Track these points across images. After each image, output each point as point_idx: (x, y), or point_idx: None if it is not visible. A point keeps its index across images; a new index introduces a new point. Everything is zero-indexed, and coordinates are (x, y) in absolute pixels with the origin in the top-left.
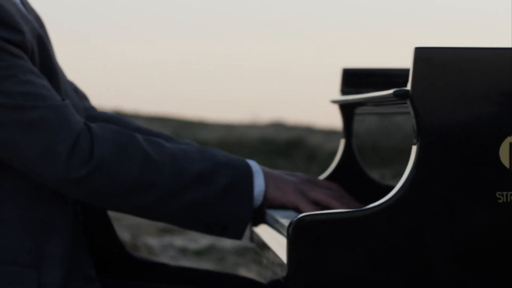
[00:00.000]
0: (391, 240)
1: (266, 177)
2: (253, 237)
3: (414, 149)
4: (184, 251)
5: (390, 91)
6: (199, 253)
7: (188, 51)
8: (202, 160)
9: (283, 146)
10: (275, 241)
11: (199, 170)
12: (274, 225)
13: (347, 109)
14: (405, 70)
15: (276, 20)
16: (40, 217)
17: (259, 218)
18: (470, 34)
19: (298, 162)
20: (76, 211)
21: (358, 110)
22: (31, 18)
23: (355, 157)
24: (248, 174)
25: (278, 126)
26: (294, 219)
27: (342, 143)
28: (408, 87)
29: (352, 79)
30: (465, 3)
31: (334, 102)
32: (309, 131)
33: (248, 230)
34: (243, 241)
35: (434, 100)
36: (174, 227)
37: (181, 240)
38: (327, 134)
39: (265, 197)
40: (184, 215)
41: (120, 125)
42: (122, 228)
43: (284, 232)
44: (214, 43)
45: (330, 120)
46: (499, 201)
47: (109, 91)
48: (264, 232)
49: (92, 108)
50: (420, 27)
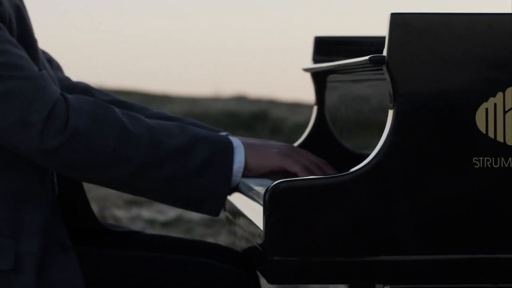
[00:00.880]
0: (367, 206)
1: (247, 150)
2: (226, 206)
3: (390, 115)
4: (152, 223)
5: (365, 58)
6: (166, 225)
7: (152, 26)
8: (181, 135)
9: (246, 119)
10: (249, 208)
11: (178, 144)
12: (247, 193)
13: (319, 78)
14: (377, 38)
15: None
16: (17, 187)
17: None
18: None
19: (262, 135)
20: (52, 182)
21: (330, 78)
22: None
23: (327, 125)
24: (228, 150)
25: (241, 99)
26: (270, 186)
27: (314, 111)
28: (384, 53)
29: (324, 47)
30: None
31: (306, 70)
32: (273, 103)
33: None
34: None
35: (410, 66)
36: (142, 199)
37: (149, 212)
38: (291, 106)
39: (249, 169)
40: (161, 189)
41: (94, 95)
42: (90, 200)
43: (259, 200)
44: (177, 18)
45: (294, 92)
46: (475, 166)
47: (73, 64)
48: (237, 200)
49: (67, 79)
50: None
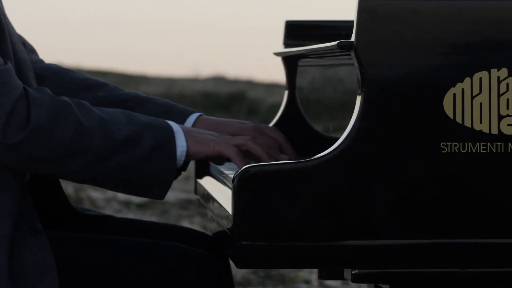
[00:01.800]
0: (335, 191)
1: (186, 135)
2: (198, 189)
3: (358, 100)
4: (127, 204)
5: (334, 43)
6: (142, 206)
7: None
8: (128, 124)
9: (224, 100)
10: (220, 192)
11: (127, 133)
12: (218, 177)
13: (290, 62)
14: (348, 22)
15: None
16: None
17: (204, 170)
18: None
19: (239, 116)
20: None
21: (301, 62)
22: None
23: (298, 109)
24: (170, 135)
25: (219, 80)
26: (239, 171)
27: (286, 95)
28: (352, 38)
29: (295, 31)
30: None
31: (277, 54)
32: (250, 84)
33: (184, 185)
34: (186, 194)
35: (378, 52)
36: None
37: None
38: (268, 87)
39: (188, 154)
40: (113, 178)
41: (66, 77)
42: (66, 181)
43: (229, 184)
44: None
45: (271, 74)
46: (443, 151)
47: (51, 45)
48: (208, 183)
49: (40, 61)
50: None
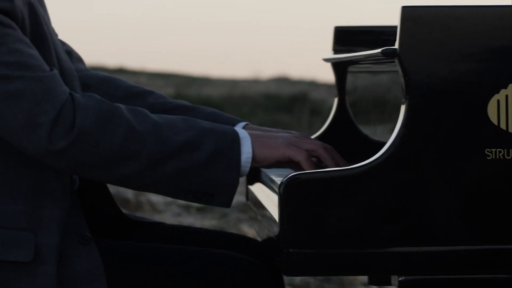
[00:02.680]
0: (381, 197)
1: (253, 141)
2: (249, 196)
3: (402, 107)
4: (187, 208)
5: (378, 50)
6: (201, 210)
7: (191, 7)
8: (187, 129)
9: (286, 101)
10: (268, 199)
11: (184, 139)
12: (268, 184)
13: (339, 67)
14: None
15: None
16: (34, 182)
17: (255, 177)
18: None
19: (301, 117)
20: (71, 176)
21: (351, 68)
22: None
23: (348, 114)
24: (235, 141)
25: (282, 81)
26: (286, 178)
27: (335, 101)
28: (396, 45)
29: (344, 37)
30: None
31: (326, 60)
32: (313, 85)
33: (244, 188)
34: (246, 197)
35: (421, 59)
36: None
37: None
38: (331, 88)
39: (256, 160)
40: (169, 184)
41: (112, 85)
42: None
43: (277, 190)
44: None
45: None
46: (488, 158)
47: (114, 49)
48: (258, 190)
49: (86, 70)
50: None
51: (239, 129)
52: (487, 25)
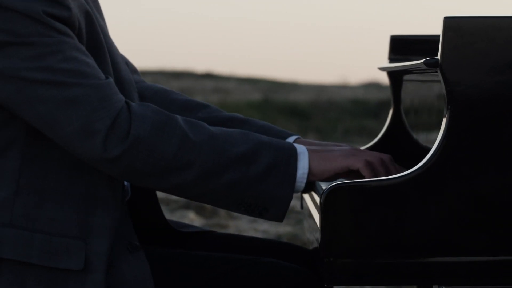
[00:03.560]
0: (422, 207)
1: (311, 155)
2: (303, 204)
3: (444, 118)
4: None
5: (421, 61)
6: None
7: (279, 12)
8: (244, 142)
9: (373, 107)
10: (314, 208)
11: (241, 151)
12: (318, 192)
13: (395, 76)
14: None
15: None
16: (86, 191)
17: (309, 186)
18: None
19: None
20: (123, 186)
21: (407, 77)
22: None
23: (403, 123)
24: (292, 156)
25: (371, 87)
26: (326, 188)
27: (391, 110)
28: (438, 56)
29: (400, 46)
30: None
31: (381, 69)
32: None
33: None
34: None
35: (463, 69)
36: None
37: None
38: None
39: (314, 174)
40: (223, 195)
41: (167, 98)
42: None
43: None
44: (305, 4)
45: None
46: None
47: (202, 54)
48: (309, 199)
49: (142, 81)
50: None
51: (297, 144)
52: None
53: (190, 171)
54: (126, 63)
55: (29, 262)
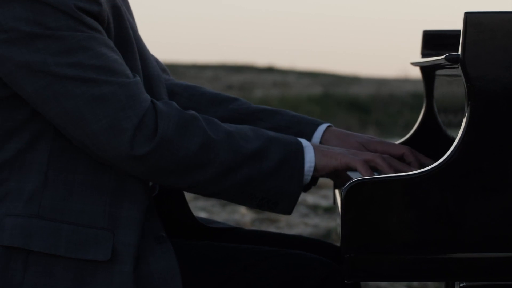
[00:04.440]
0: (442, 203)
1: (316, 150)
2: (335, 200)
3: (466, 113)
4: (315, 209)
5: (442, 56)
6: (329, 210)
7: (341, 6)
8: (256, 138)
9: None
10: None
11: (254, 147)
12: None
13: (427, 71)
14: None
15: None
16: (113, 184)
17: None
18: None
19: None
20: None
21: (439, 72)
22: None
23: (436, 118)
24: (299, 150)
25: None
26: (347, 184)
27: (424, 104)
28: (459, 52)
29: (433, 41)
30: None
31: (414, 64)
32: None
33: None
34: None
35: (484, 65)
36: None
37: (313, 197)
38: None
39: (316, 169)
40: (238, 191)
41: (197, 93)
42: None
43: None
44: None
45: None
46: None
47: (262, 48)
48: (339, 195)
49: (171, 79)
50: None
51: (302, 139)
52: None
53: (210, 169)
54: (156, 61)
55: (57, 254)
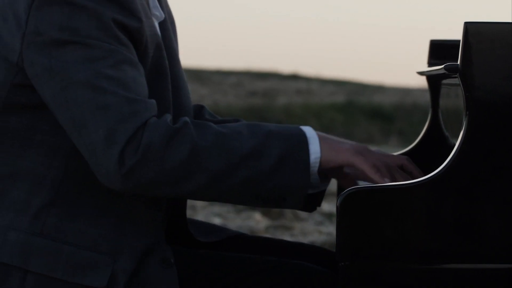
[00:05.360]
0: (437, 213)
1: (321, 141)
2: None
3: (464, 123)
4: (329, 217)
5: (441, 66)
6: None
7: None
8: (252, 136)
9: None
10: None
11: (250, 146)
12: None
13: (433, 81)
14: None
15: None
16: (123, 210)
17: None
18: None
19: None
20: (163, 207)
21: (445, 81)
22: (160, 18)
23: (441, 128)
24: (302, 141)
25: None
26: (343, 192)
27: (430, 114)
28: (458, 61)
29: (439, 51)
30: None
31: (420, 73)
32: None
33: None
34: None
35: (483, 75)
36: None
37: (329, 205)
38: None
39: (321, 161)
40: (240, 193)
41: (199, 115)
42: None
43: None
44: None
45: None
46: None
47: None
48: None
49: (205, 115)
50: None
51: (307, 128)
52: None
53: (202, 176)
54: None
55: (54, 276)
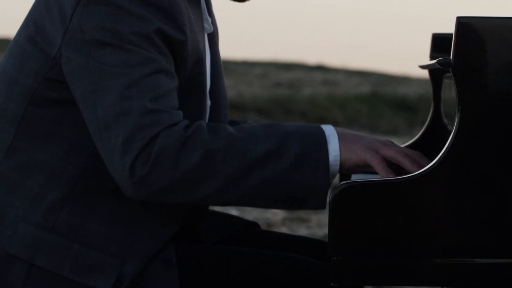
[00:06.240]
0: (429, 208)
1: (340, 139)
2: None
3: (456, 118)
4: None
5: (434, 61)
6: None
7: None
8: (268, 137)
9: None
10: None
11: (265, 148)
12: None
13: (435, 75)
14: None
15: None
16: (137, 215)
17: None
18: None
19: None
20: (178, 219)
21: (447, 75)
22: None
23: (442, 122)
24: (321, 141)
25: None
26: (335, 187)
27: (431, 108)
28: (451, 56)
29: (442, 44)
30: None
31: (422, 67)
32: None
33: None
34: None
35: (476, 70)
36: None
37: None
38: None
39: (341, 160)
40: (256, 196)
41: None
42: None
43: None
44: None
45: None
46: None
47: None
48: None
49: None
50: None
51: (327, 126)
52: None
53: (217, 180)
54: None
55: (59, 273)
